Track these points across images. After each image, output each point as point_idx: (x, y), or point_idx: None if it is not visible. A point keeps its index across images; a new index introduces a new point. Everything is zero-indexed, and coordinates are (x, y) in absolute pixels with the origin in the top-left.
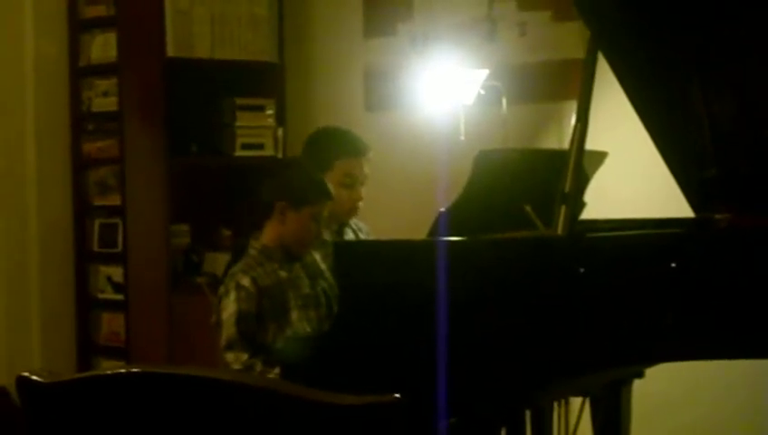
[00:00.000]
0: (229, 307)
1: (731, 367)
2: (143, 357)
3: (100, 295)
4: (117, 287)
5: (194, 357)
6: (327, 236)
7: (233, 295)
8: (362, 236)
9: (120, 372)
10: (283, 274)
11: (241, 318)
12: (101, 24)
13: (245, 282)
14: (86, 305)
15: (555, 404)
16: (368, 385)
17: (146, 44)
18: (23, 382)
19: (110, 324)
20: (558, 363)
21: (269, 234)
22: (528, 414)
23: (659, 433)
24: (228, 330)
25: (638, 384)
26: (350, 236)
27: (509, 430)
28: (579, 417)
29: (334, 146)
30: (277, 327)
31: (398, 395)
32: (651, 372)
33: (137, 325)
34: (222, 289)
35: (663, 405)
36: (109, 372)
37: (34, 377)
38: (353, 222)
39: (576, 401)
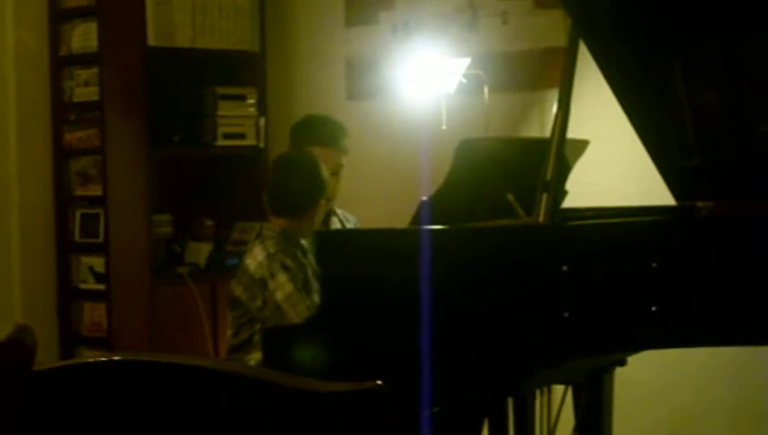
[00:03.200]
0: (285, 287)
1: (714, 356)
2: (125, 347)
3: (82, 286)
4: (98, 277)
5: (176, 346)
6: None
7: (283, 277)
8: (349, 227)
9: (103, 360)
10: (302, 258)
11: (301, 290)
12: (82, 14)
13: (289, 262)
14: (68, 296)
15: (537, 392)
16: (351, 374)
17: (127, 34)
18: None
19: (92, 314)
20: (542, 352)
21: (284, 222)
22: (510, 402)
23: (642, 422)
24: (296, 308)
25: (621, 373)
26: (336, 225)
27: (492, 418)
28: (561, 405)
29: (308, 135)
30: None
31: (379, 382)
32: (634, 361)
33: (119, 315)
34: (263, 271)
35: (646, 394)
36: (91, 359)
37: None
38: (341, 212)
39: (558, 389)
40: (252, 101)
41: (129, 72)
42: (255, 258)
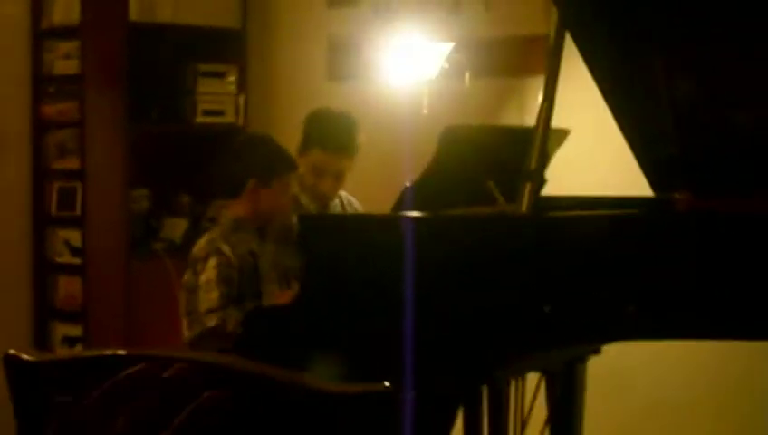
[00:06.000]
0: (209, 272)
1: (689, 348)
2: (100, 321)
3: (58, 259)
4: (74, 251)
5: (150, 322)
6: (312, 209)
7: (213, 261)
8: (349, 211)
9: (108, 355)
10: (254, 245)
11: (222, 280)
12: None
13: (226, 249)
14: (43, 269)
15: (512, 381)
16: (329, 359)
17: (109, 8)
18: (11, 360)
19: (67, 288)
20: (519, 340)
21: (240, 208)
22: (485, 392)
23: (615, 412)
24: (210, 293)
25: (595, 363)
26: (337, 209)
27: (466, 407)
28: (535, 394)
29: (313, 136)
30: (250, 296)
31: (387, 384)
32: (608, 351)
33: (94, 290)
34: (200, 253)
35: (619, 385)
36: (96, 353)
37: (23, 356)
38: (344, 195)
39: (531, 379)
40: (232, 78)
41: (110, 46)
42: (199, 242)
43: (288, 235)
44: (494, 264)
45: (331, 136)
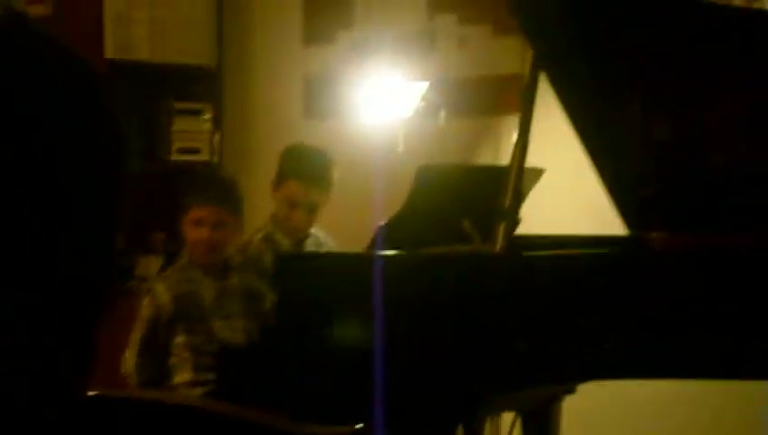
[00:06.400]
0: (142, 310)
1: (666, 385)
2: None
3: None
4: None
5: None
6: (286, 246)
7: (146, 300)
8: (324, 250)
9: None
10: (206, 282)
11: (143, 320)
12: (40, 23)
13: (159, 288)
14: None
15: (487, 419)
16: (302, 399)
17: (84, 46)
18: None
19: None
20: (497, 379)
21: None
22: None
23: None
24: (134, 332)
25: (571, 401)
26: (310, 248)
27: None
28: (510, 432)
29: (290, 164)
30: (190, 333)
31: (359, 425)
32: (584, 390)
33: None
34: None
35: (597, 423)
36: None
37: None
38: (322, 235)
39: (506, 419)
40: (207, 116)
41: None
42: None
43: (250, 268)
44: (468, 303)
45: (306, 167)
